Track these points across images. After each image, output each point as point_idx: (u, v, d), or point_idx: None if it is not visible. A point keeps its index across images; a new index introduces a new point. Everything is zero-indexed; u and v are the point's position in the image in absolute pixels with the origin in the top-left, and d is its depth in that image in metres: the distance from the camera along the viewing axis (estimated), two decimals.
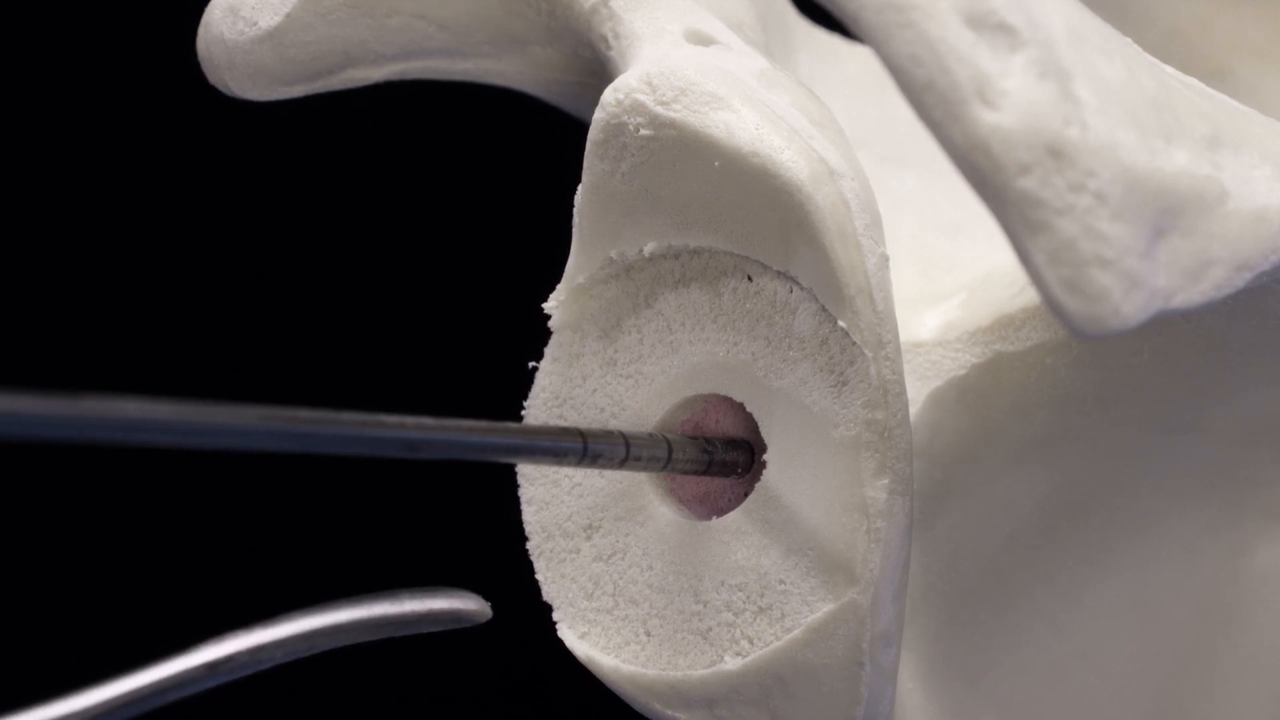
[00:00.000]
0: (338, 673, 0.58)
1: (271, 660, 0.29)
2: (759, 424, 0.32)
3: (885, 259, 0.31)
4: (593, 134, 0.33)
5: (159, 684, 0.28)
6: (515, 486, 0.35)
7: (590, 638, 0.34)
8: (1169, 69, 0.30)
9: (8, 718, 0.26)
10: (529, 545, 0.35)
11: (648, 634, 0.33)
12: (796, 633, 0.31)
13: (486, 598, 0.31)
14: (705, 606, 0.33)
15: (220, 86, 0.36)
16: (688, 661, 0.33)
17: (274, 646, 0.29)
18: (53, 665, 0.54)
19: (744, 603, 0.32)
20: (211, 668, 0.28)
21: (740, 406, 0.33)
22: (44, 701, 0.27)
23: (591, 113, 0.33)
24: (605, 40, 0.34)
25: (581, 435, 0.30)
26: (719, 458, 0.32)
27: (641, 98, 0.32)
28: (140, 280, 0.59)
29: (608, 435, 0.31)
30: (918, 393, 0.35)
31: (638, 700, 0.33)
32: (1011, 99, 0.26)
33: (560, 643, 0.34)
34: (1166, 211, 0.27)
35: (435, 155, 0.61)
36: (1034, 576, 0.36)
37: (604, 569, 0.34)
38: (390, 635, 0.32)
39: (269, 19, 0.35)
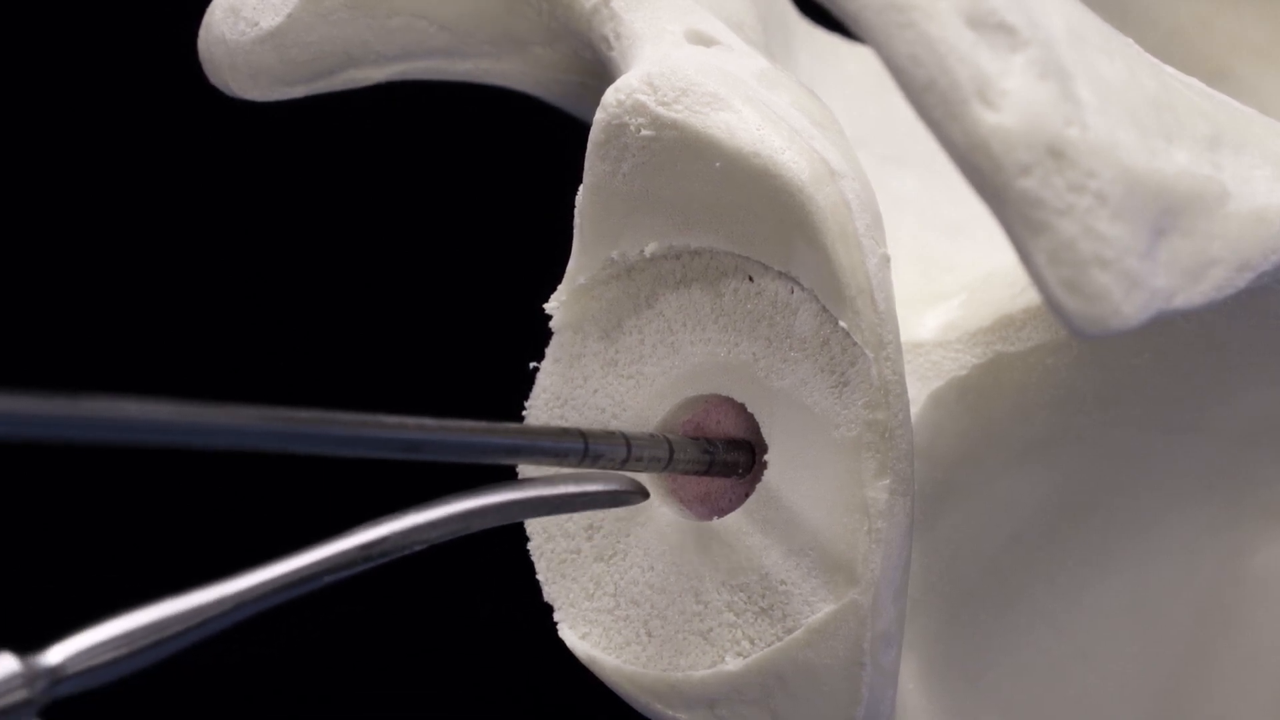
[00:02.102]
0: (339, 672, 0.58)
1: (425, 541, 0.29)
2: (760, 424, 0.32)
3: (886, 259, 0.31)
4: (594, 134, 0.33)
5: (314, 566, 0.27)
6: None
7: (591, 638, 0.34)
8: (1169, 69, 0.30)
9: (162, 603, 0.26)
10: (530, 545, 0.35)
11: (649, 634, 0.33)
12: (797, 633, 0.31)
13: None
14: (706, 607, 0.33)
15: (221, 87, 0.36)
16: (689, 662, 0.33)
17: (428, 527, 0.29)
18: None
19: (745, 603, 0.32)
20: (365, 549, 0.28)
21: (741, 407, 0.33)
22: (195, 588, 0.26)
23: (592, 113, 0.33)
24: (606, 41, 0.34)
25: (582, 436, 0.30)
26: (720, 458, 0.32)
27: (643, 98, 0.32)
28: (140, 280, 0.59)
29: (609, 436, 0.31)
30: (918, 393, 0.35)
31: (638, 700, 0.33)
32: (1012, 99, 0.26)
33: (561, 643, 0.34)
34: (1167, 211, 0.27)
35: (435, 155, 0.61)
36: (1034, 577, 0.36)
37: (605, 569, 0.34)
38: (547, 514, 0.31)
39: (270, 19, 0.35)
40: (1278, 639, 0.37)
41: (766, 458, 0.32)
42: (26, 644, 0.25)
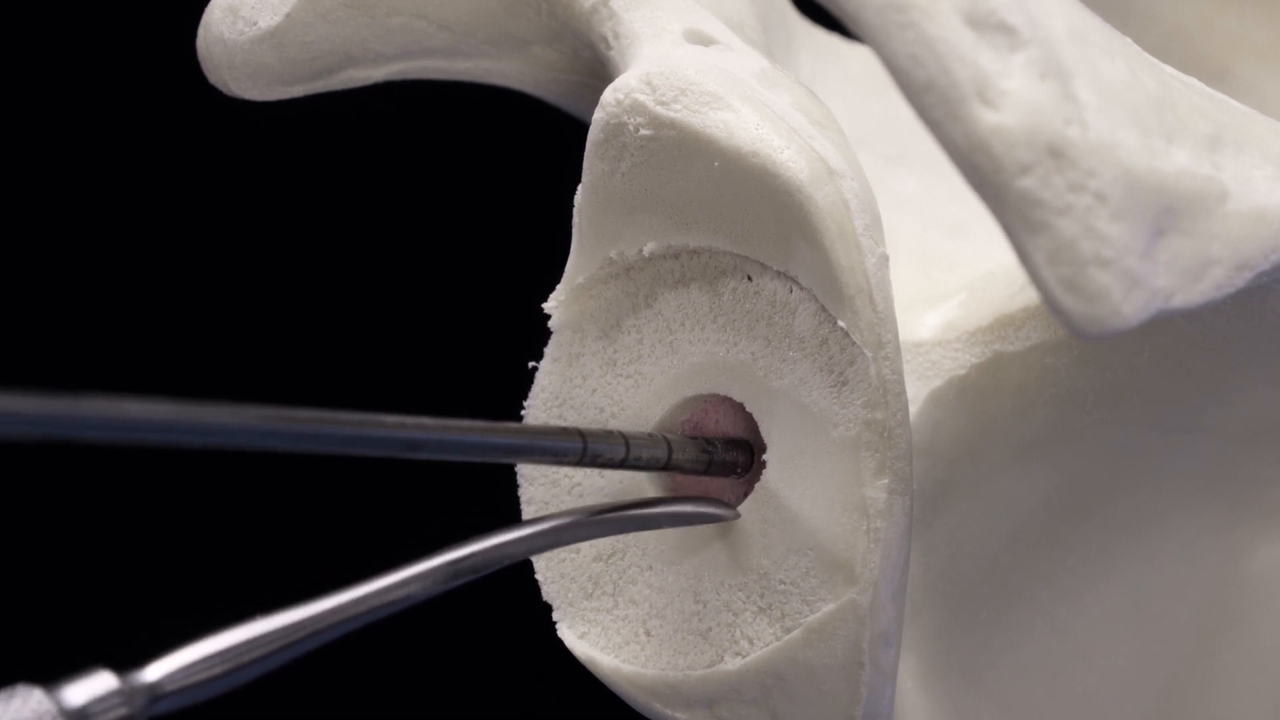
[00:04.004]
0: (339, 672, 0.58)
1: (512, 557, 0.29)
2: (759, 424, 0.32)
3: (885, 259, 0.31)
4: (593, 134, 0.33)
5: (403, 584, 0.28)
6: (515, 486, 0.35)
7: (590, 637, 0.34)
8: (1170, 69, 0.30)
9: (261, 620, 0.26)
10: None
11: (647, 634, 0.33)
12: (796, 632, 0.31)
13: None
14: (705, 606, 0.33)
15: (220, 86, 0.36)
16: (688, 661, 0.33)
17: (516, 543, 0.29)
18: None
19: (744, 602, 0.32)
20: (454, 566, 0.28)
21: (740, 406, 0.33)
22: (284, 607, 0.27)
23: (591, 113, 0.33)
24: (605, 40, 0.34)
25: (581, 435, 0.30)
26: (719, 458, 0.32)
27: (641, 98, 0.32)
28: (140, 280, 0.59)
29: (607, 435, 0.31)
30: (918, 392, 0.35)
31: (638, 700, 0.33)
32: (1012, 99, 0.26)
33: (560, 643, 0.34)
34: (1167, 211, 0.27)
35: (435, 155, 0.61)
36: (1034, 576, 0.36)
37: (604, 569, 0.34)
38: (635, 530, 0.32)
39: (269, 19, 0.35)
40: (1278, 639, 0.37)
41: (765, 457, 0.32)
42: (119, 663, 0.25)
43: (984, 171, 0.26)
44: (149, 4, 0.57)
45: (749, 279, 0.32)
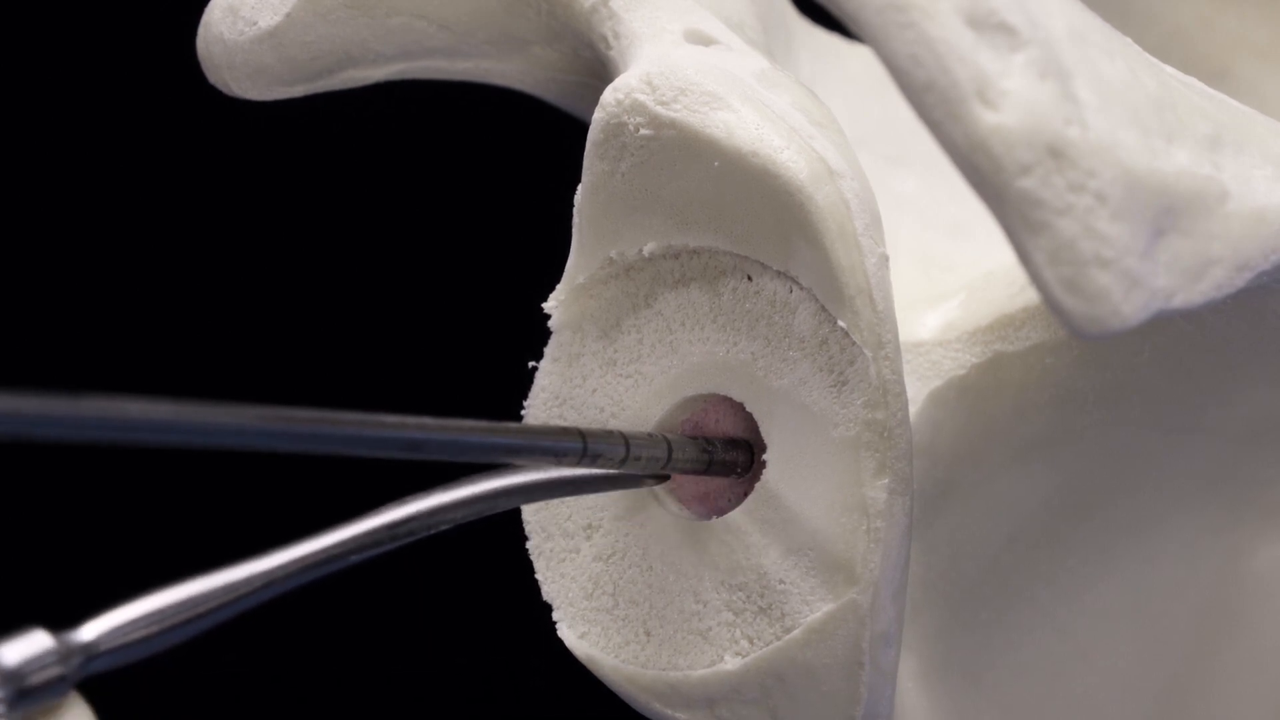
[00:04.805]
0: (338, 671, 0.58)
1: (451, 521, 0.29)
2: (759, 424, 0.32)
3: (885, 259, 0.31)
4: (593, 134, 0.33)
5: (340, 545, 0.28)
6: None
7: (590, 637, 0.34)
8: (1170, 69, 0.30)
9: (192, 580, 0.26)
10: (529, 545, 0.35)
11: (648, 634, 0.33)
12: (796, 632, 0.31)
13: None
14: (705, 606, 0.33)
15: (220, 86, 0.36)
16: (688, 661, 0.33)
17: (454, 507, 0.29)
18: None
19: (744, 602, 0.32)
20: (392, 528, 0.28)
21: (740, 406, 0.33)
22: (219, 568, 0.27)
23: (591, 113, 0.33)
24: (605, 40, 0.34)
25: (581, 435, 0.30)
26: (719, 457, 0.32)
27: (641, 97, 0.32)
28: (140, 280, 0.59)
29: (607, 435, 0.31)
30: (918, 392, 0.35)
31: (638, 700, 0.33)
32: (1012, 99, 0.26)
33: (560, 643, 0.34)
34: (1167, 211, 0.27)
35: (435, 155, 0.61)
36: (1034, 576, 0.36)
37: (604, 569, 0.34)
38: (570, 495, 0.32)
39: (269, 19, 0.35)
40: (1278, 639, 0.37)
41: (765, 457, 0.32)
42: (57, 623, 0.25)
43: (984, 171, 0.26)
44: (149, 4, 0.57)
45: (749, 279, 0.32)
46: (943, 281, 0.39)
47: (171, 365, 0.59)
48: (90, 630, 0.25)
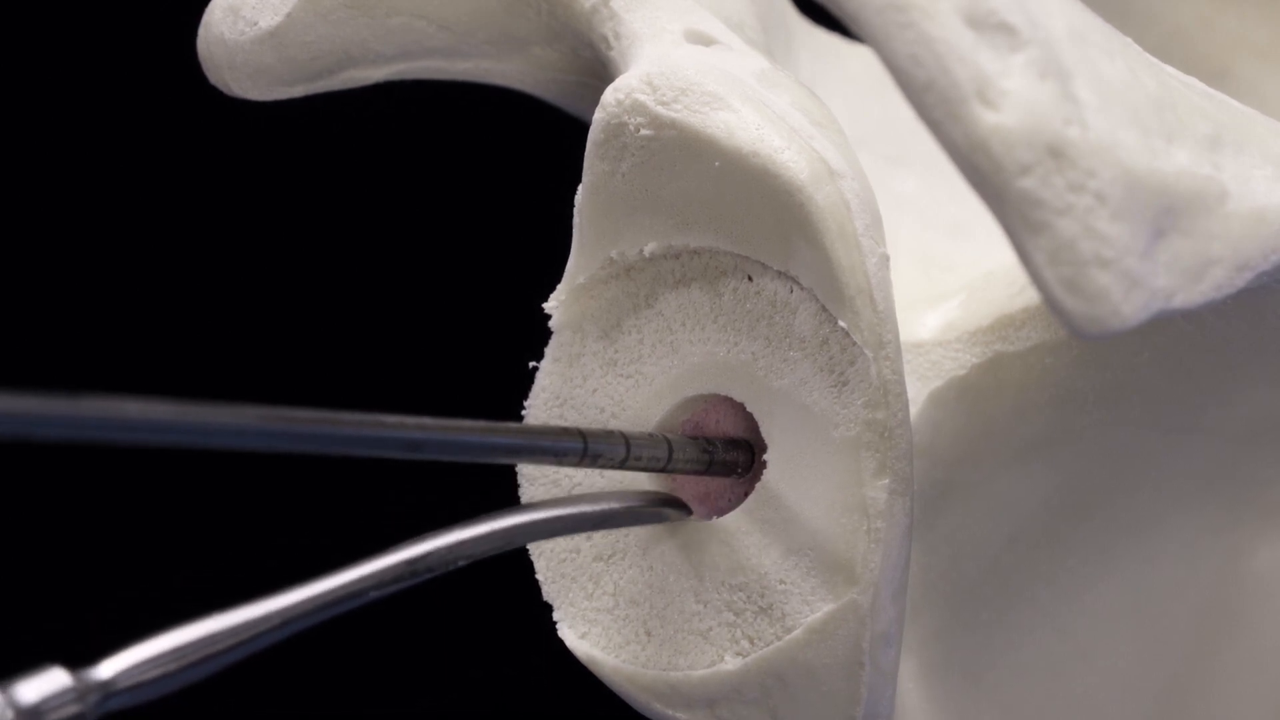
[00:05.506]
0: (338, 671, 0.58)
1: (470, 557, 0.29)
2: (759, 424, 0.32)
3: (886, 259, 0.31)
4: (593, 134, 0.33)
5: (359, 582, 0.28)
6: (515, 487, 0.35)
7: (590, 637, 0.34)
8: (1170, 69, 0.30)
9: (214, 617, 0.26)
10: (529, 545, 0.35)
11: (648, 634, 0.33)
12: (797, 633, 0.31)
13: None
14: (705, 606, 0.33)
15: (220, 86, 0.36)
16: (688, 661, 0.33)
17: (472, 543, 0.29)
18: None
19: (744, 603, 0.32)
20: (411, 564, 0.28)
21: (740, 406, 0.33)
22: (237, 604, 0.27)
23: (592, 113, 0.33)
24: (605, 40, 0.34)
25: (582, 435, 0.30)
26: (719, 458, 0.32)
27: (642, 98, 0.32)
28: (140, 280, 0.59)
29: (608, 435, 0.31)
30: (918, 393, 0.35)
31: (638, 700, 0.33)
32: (1012, 99, 0.26)
33: (560, 643, 0.34)
34: (1167, 211, 0.27)
35: (435, 155, 0.61)
36: (1035, 576, 0.36)
37: (604, 569, 0.34)
38: (590, 530, 0.32)
39: (269, 19, 0.35)
40: (1278, 639, 0.37)
41: (766, 457, 0.32)
42: (75, 660, 0.25)
43: (984, 171, 0.26)
44: (149, 4, 0.57)
45: (749, 279, 0.32)
46: (943, 281, 0.39)
47: (172, 365, 0.59)
48: (108, 668, 0.25)
